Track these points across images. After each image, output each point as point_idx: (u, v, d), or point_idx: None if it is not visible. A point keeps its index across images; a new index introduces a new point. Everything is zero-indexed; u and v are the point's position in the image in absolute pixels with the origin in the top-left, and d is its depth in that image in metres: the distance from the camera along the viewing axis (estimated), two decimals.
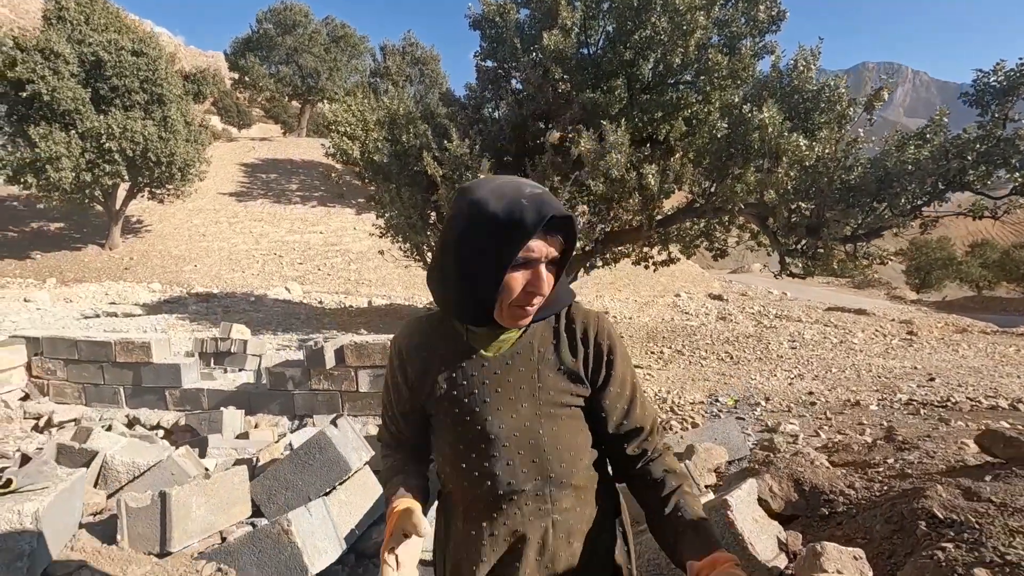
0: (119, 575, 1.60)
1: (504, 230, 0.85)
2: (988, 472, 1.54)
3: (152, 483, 2.13)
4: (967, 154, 7.02)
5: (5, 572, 1.45)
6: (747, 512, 1.42)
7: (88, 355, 4.47)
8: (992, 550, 1.15)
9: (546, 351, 0.98)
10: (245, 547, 1.73)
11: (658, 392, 8.96)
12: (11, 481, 1.61)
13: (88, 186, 19.46)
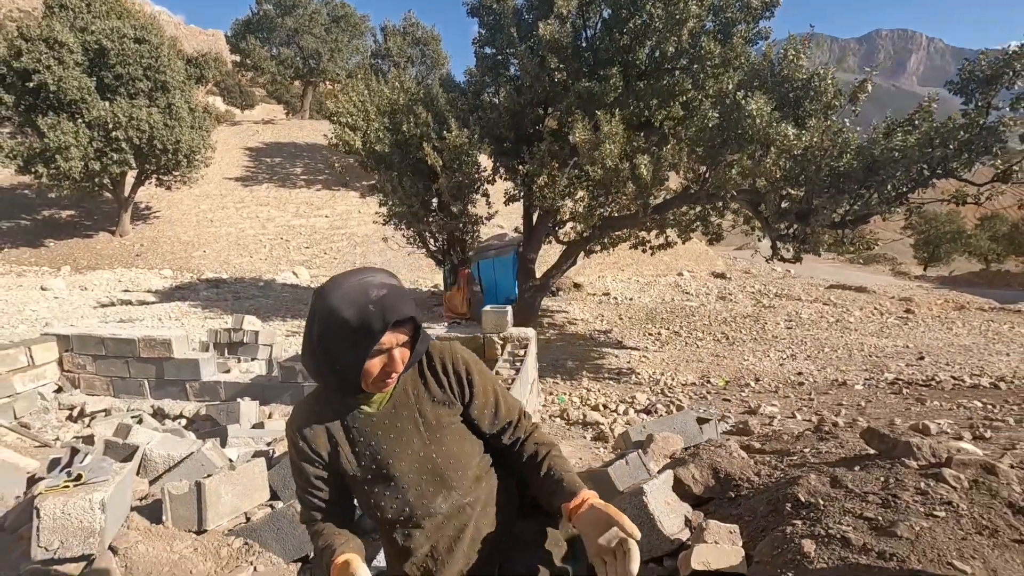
0: (167, 548, 1.98)
1: (356, 334, 1.02)
2: (859, 463, 1.86)
3: (186, 473, 2.51)
4: (950, 142, 7.19)
5: (82, 546, 1.84)
6: (661, 497, 1.76)
7: (114, 351, 4.86)
8: (824, 526, 1.47)
9: (419, 391, 1.18)
10: (266, 525, 2.11)
11: (652, 374, 9.31)
12: (81, 475, 1.98)
13: (97, 175, 19.79)
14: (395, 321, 1.03)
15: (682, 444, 2.74)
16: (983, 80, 7.15)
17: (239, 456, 2.77)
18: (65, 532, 1.80)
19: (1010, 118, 7.13)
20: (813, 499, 1.61)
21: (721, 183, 8.79)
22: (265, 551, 2.02)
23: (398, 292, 1.07)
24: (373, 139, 11.23)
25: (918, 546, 1.34)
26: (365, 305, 1.02)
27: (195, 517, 2.10)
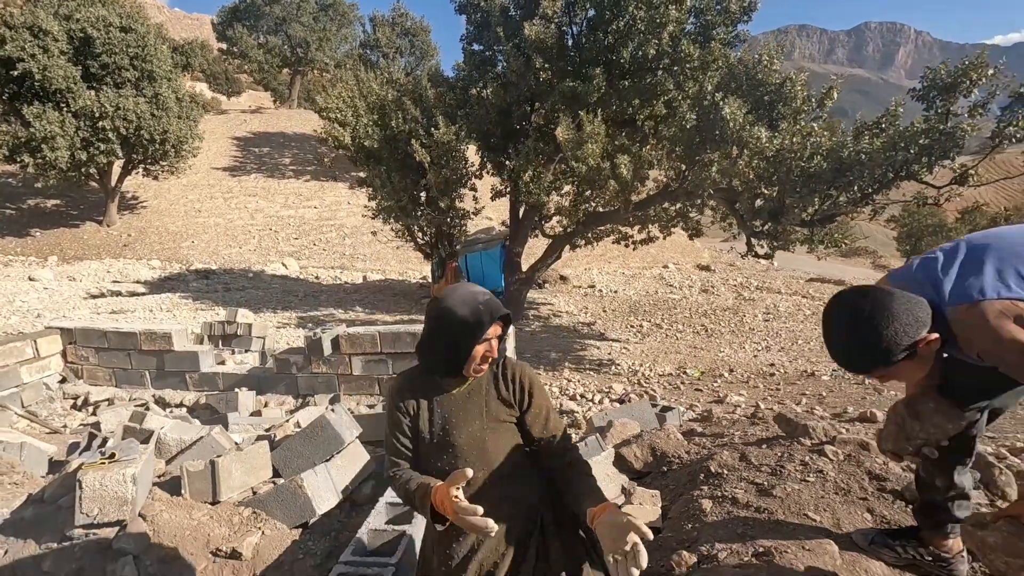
0: (187, 516, 2.30)
1: (471, 326, 1.39)
2: (768, 442, 2.23)
3: (197, 454, 2.82)
4: (912, 147, 7.59)
5: (117, 513, 2.15)
6: (601, 470, 2.13)
7: (117, 344, 5.12)
8: (723, 490, 1.84)
9: (489, 388, 1.54)
10: (271, 497, 2.43)
11: (631, 365, 9.71)
12: (115, 454, 2.29)
13: (84, 164, 19.71)
14: (498, 316, 1.42)
15: (638, 429, 3.10)
16: (943, 88, 7.55)
17: (243, 440, 3.09)
18: (103, 501, 2.11)
19: (968, 124, 7.54)
20: (721, 470, 1.97)
21: (699, 181, 9.16)
22: (271, 519, 2.35)
23: (494, 297, 1.48)
24: (362, 134, 11.44)
25: (786, 503, 1.70)
26: (476, 305, 1.41)
27: (210, 490, 2.42)
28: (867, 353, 1.26)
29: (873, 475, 1.85)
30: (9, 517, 2.32)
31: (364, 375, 4.73)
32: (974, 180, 7.74)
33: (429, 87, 12.78)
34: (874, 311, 1.25)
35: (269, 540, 2.26)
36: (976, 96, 7.51)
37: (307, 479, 2.37)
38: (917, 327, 1.23)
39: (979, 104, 7.55)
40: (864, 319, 1.25)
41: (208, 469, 2.40)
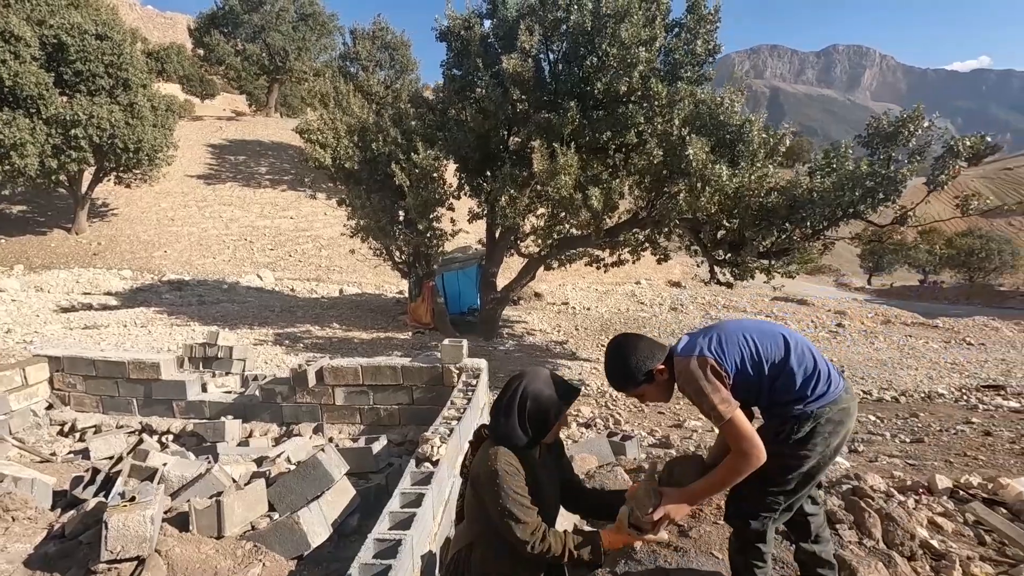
0: (196, 550, 2.59)
1: (558, 405, 1.67)
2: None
3: (200, 490, 3.10)
4: (858, 188, 8.26)
5: (138, 548, 2.44)
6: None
7: (104, 372, 5.31)
8: None
9: (556, 450, 1.92)
10: (270, 532, 2.74)
11: (600, 386, 10.14)
12: (135, 497, 2.57)
13: (54, 172, 19.45)
14: (574, 397, 1.75)
15: (596, 463, 3.51)
16: (885, 136, 8.25)
17: (240, 476, 3.38)
18: (126, 539, 2.39)
19: (907, 169, 8.24)
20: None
21: (666, 211, 9.71)
22: (270, 551, 2.66)
23: (571, 382, 1.81)
24: (343, 156, 11.71)
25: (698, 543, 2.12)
26: (559, 387, 1.73)
27: (215, 526, 2.72)
28: (618, 375, 1.77)
29: None
30: (33, 552, 2.58)
31: (346, 405, 5.04)
32: (912, 221, 8.45)
33: (410, 107, 13.14)
34: (626, 346, 1.77)
35: (269, 571, 2.57)
36: (914, 144, 8.23)
37: (303, 516, 2.70)
38: (652, 360, 1.74)
39: (916, 152, 8.27)
40: (619, 352, 1.77)
41: (214, 507, 2.71)
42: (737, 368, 1.72)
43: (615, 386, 1.81)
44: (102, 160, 20.70)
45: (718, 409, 1.62)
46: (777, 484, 1.75)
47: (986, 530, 2.52)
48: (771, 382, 1.73)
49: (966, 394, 9.61)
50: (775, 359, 1.74)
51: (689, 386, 1.69)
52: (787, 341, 1.78)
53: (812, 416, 1.72)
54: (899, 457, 5.67)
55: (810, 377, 1.76)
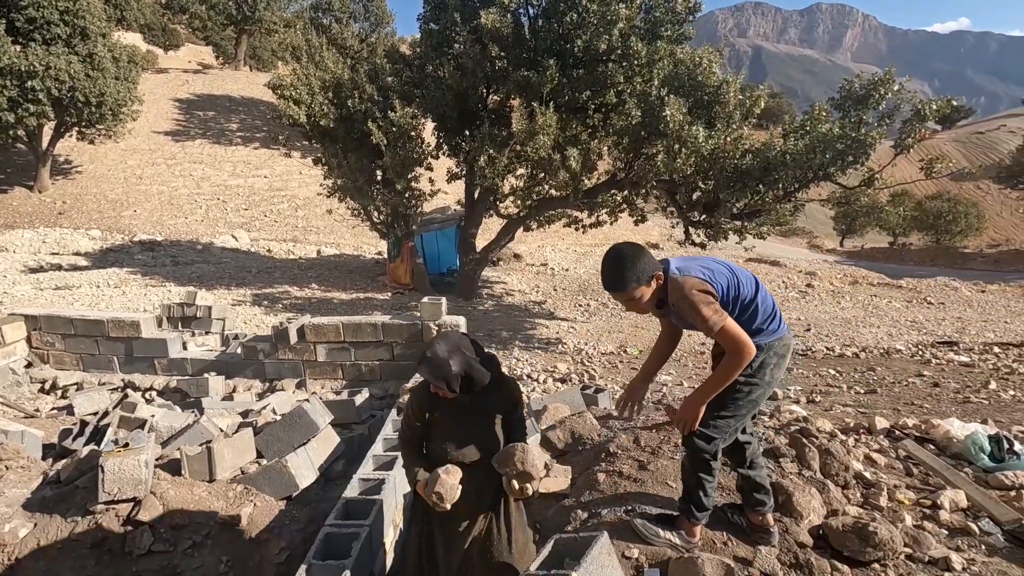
0: (189, 493, 2.74)
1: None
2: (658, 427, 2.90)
3: (189, 439, 3.23)
4: (829, 151, 8.45)
5: (134, 490, 2.57)
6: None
7: (83, 331, 5.31)
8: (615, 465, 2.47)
9: (490, 407, 2.04)
10: (260, 475, 2.90)
11: (576, 344, 10.44)
12: (128, 444, 2.68)
13: (11, 127, 18.59)
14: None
15: (568, 412, 3.72)
16: (857, 99, 8.39)
17: (227, 427, 3.52)
18: (121, 482, 2.52)
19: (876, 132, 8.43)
20: (616, 450, 2.60)
21: (644, 173, 9.81)
22: (260, 493, 2.83)
23: (444, 363, 1.90)
24: (318, 113, 11.45)
25: (655, 475, 2.34)
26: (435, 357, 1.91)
27: (207, 471, 2.86)
28: (623, 275, 1.88)
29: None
30: (31, 496, 2.70)
31: (328, 362, 5.17)
32: (879, 183, 8.70)
33: (386, 63, 12.80)
34: (632, 251, 1.93)
35: (260, 510, 2.74)
36: (884, 108, 8.40)
37: (290, 460, 2.86)
38: (654, 267, 1.91)
39: (886, 115, 8.45)
40: (626, 254, 1.91)
41: (205, 453, 2.85)
42: (722, 295, 1.92)
43: (616, 286, 1.91)
44: (62, 115, 19.79)
45: (712, 320, 1.81)
46: (727, 409, 1.97)
47: (914, 463, 2.81)
48: (740, 314, 1.95)
49: (922, 350, 10.14)
50: (748, 295, 1.97)
51: (684, 301, 1.86)
52: (757, 282, 2.05)
53: (764, 348, 1.96)
54: (852, 406, 6.06)
55: (769, 315, 2.01)
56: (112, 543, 2.49)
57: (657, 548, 1.90)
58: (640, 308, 1.97)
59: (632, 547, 1.87)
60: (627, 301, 1.95)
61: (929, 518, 2.30)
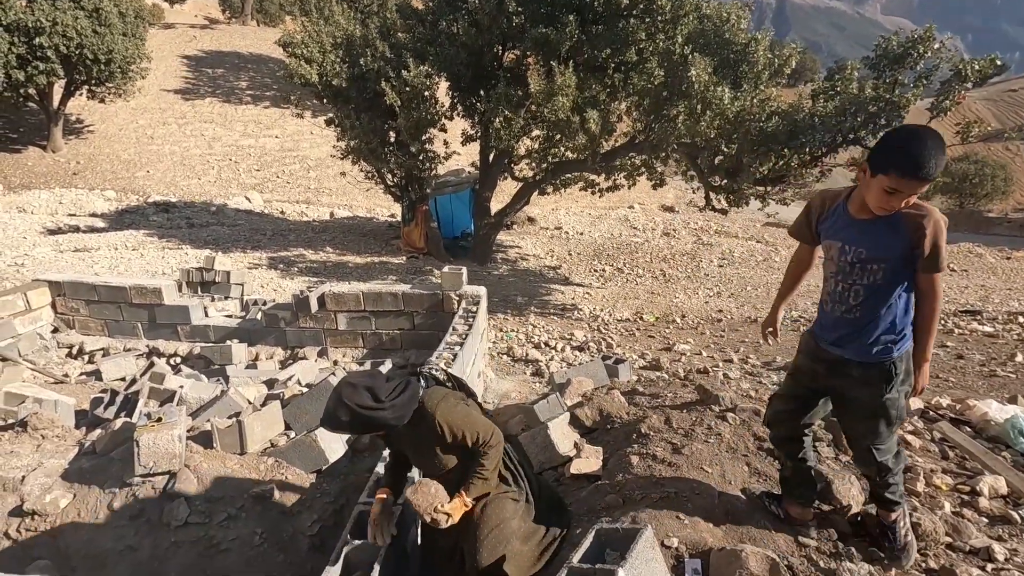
0: (222, 465, 2.78)
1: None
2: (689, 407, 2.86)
3: (218, 411, 3.27)
4: (860, 114, 8.10)
5: (168, 464, 2.62)
6: (559, 430, 2.71)
7: (107, 297, 5.35)
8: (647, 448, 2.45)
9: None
10: (290, 449, 2.93)
11: (592, 310, 10.40)
12: (161, 418, 2.72)
13: (22, 85, 18.42)
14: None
15: (592, 386, 3.70)
16: (893, 58, 7.98)
17: (254, 398, 3.55)
18: (156, 456, 2.56)
19: (912, 94, 8.06)
20: (648, 432, 2.58)
21: (664, 135, 9.51)
22: (291, 466, 2.87)
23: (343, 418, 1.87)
24: (330, 72, 11.16)
25: (690, 459, 2.31)
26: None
27: (237, 444, 2.90)
28: (937, 159, 1.60)
29: (757, 436, 2.48)
30: (69, 467, 2.76)
31: (348, 330, 5.18)
32: None
33: (398, 18, 12.37)
34: (938, 135, 1.65)
35: (291, 483, 2.78)
36: (922, 67, 7.99)
37: (320, 434, 2.88)
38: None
39: (923, 75, 8.05)
40: (939, 139, 1.62)
41: (235, 427, 2.87)
42: None
43: (934, 171, 1.62)
44: (71, 72, 19.56)
45: (945, 261, 1.71)
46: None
47: (950, 446, 2.76)
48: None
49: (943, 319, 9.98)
50: None
51: (940, 236, 1.69)
52: None
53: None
54: None
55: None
56: (150, 514, 2.55)
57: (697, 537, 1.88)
58: (896, 207, 1.68)
59: (672, 536, 1.86)
60: (911, 196, 1.66)
61: (968, 505, 2.26)
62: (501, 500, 1.99)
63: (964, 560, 1.93)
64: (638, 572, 1.45)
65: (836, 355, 1.88)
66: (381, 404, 1.86)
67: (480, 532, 1.94)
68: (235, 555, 2.49)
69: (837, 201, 1.87)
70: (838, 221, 1.84)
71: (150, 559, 2.48)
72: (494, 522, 1.95)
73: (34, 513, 2.50)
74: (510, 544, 1.93)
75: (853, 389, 1.87)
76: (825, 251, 1.93)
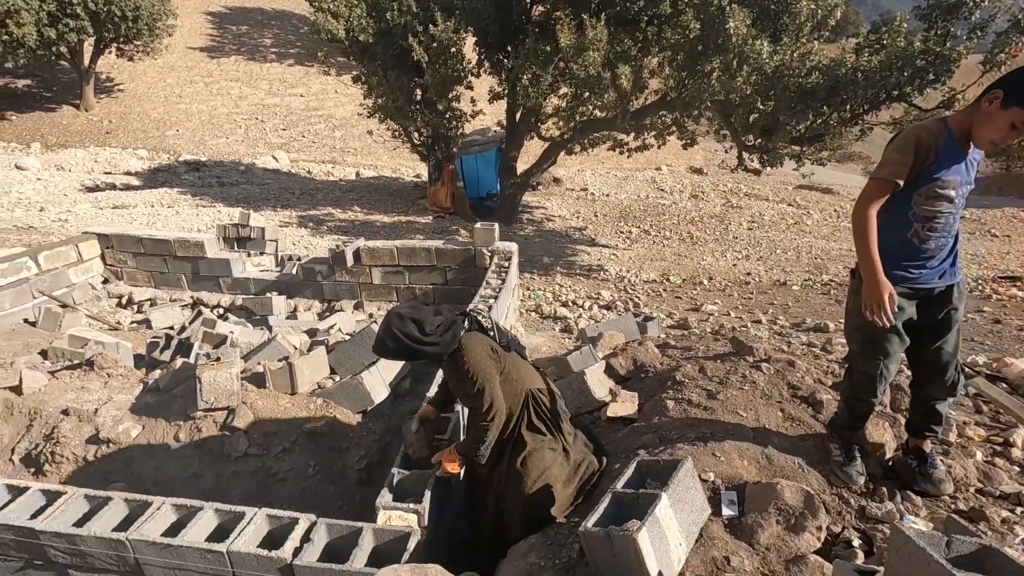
0: (275, 404, 2.97)
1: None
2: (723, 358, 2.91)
3: (267, 355, 3.45)
4: (907, 68, 7.73)
5: (227, 400, 2.81)
6: (595, 377, 2.80)
7: (152, 249, 5.57)
8: (683, 394, 2.52)
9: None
10: (338, 390, 3.11)
11: (619, 271, 10.39)
12: (219, 358, 2.90)
13: (53, 43, 18.66)
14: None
15: (623, 340, 3.78)
16: (947, 8, 7.56)
17: (300, 343, 3.73)
18: (216, 392, 2.75)
19: (965, 46, 7.65)
20: (683, 379, 2.65)
21: (697, 92, 9.24)
22: (338, 406, 3.04)
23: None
24: (357, 28, 11.03)
25: (725, 404, 2.39)
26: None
27: (288, 384, 3.08)
28: None
29: (791, 385, 2.54)
30: (136, 401, 2.97)
31: (383, 284, 5.32)
32: (960, 104, 8.00)
33: None
34: None
35: (339, 422, 2.95)
36: (977, 17, 7.56)
37: (365, 377, 3.04)
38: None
39: (979, 26, 7.62)
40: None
41: (286, 368, 3.04)
42: None
43: None
44: (101, 30, 19.71)
45: None
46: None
47: (985, 401, 2.78)
48: None
49: (982, 284, 9.73)
50: None
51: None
52: None
53: None
54: None
55: None
56: (211, 446, 2.75)
57: (732, 473, 1.97)
58: (1012, 140, 1.70)
59: (708, 471, 1.95)
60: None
61: (1000, 455, 2.30)
62: (540, 451, 2.11)
63: (994, 504, 1.99)
64: (679, 497, 1.54)
65: (941, 286, 1.98)
66: (426, 337, 1.98)
67: (524, 484, 2.06)
68: (291, 485, 2.69)
69: (942, 138, 1.83)
70: (952, 157, 1.84)
71: (214, 486, 2.69)
72: (536, 473, 2.07)
73: (108, 441, 2.72)
74: (553, 490, 2.06)
75: (949, 312, 1.98)
76: (935, 190, 1.87)
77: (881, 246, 1.96)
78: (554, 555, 1.78)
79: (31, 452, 2.87)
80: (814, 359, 2.86)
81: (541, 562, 1.76)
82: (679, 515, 1.54)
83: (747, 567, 1.58)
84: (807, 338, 5.76)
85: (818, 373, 2.69)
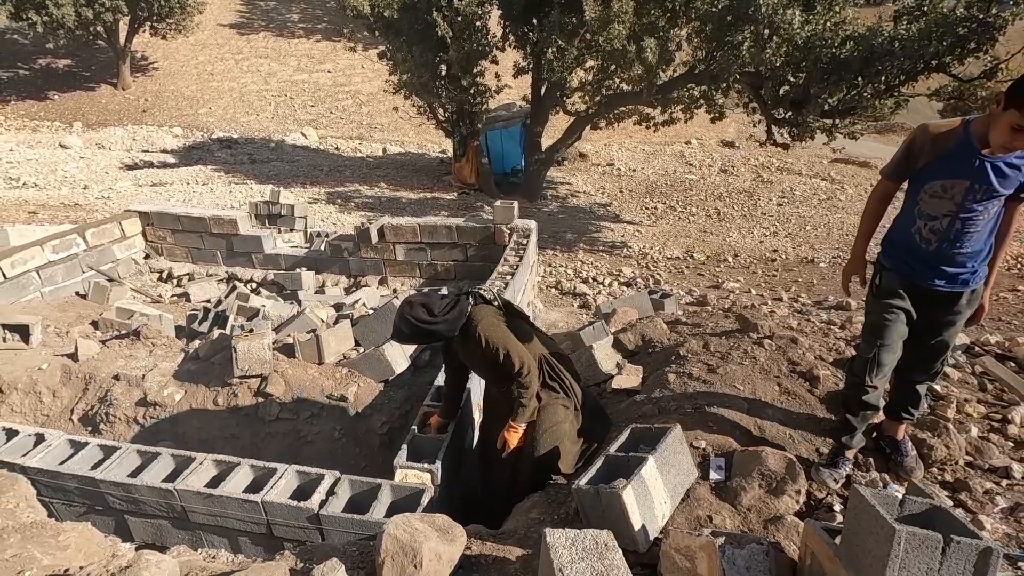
0: (303, 372, 3.20)
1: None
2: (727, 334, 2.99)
3: (296, 328, 3.69)
4: (947, 37, 7.41)
5: (260, 368, 3.05)
6: (602, 350, 2.93)
7: (189, 227, 5.87)
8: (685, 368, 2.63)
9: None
10: (361, 361, 3.32)
11: (642, 248, 10.39)
12: (253, 329, 3.14)
13: (90, 23, 19.20)
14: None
15: (637, 316, 3.88)
16: None
17: (327, 317, 3.95)
18: (251, 361, 3.00)
19: (1012, 12, 7.29)
20: (687, 354, 2.75)
21: (726, 64, 9.04)
22: (362, 376, 3.26)
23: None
24: (381, 3, 11.06)
25: (723, 378, 2.49)
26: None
27: (316, 355, 3.31)
28: None
29: (791, 361, 2.62)
30: (179, 368, 3.25)
31: (406, 260, 5.51)
32: (1004, 74, 7.66)
33: None
34: None
35: (363, 390, 3.17)
36: None
37: (387, 349, 3.24)
38: None
39: None
40: None
41: (314, 340, 3.27)
42: None
43: None
44: (135, 8, 20.17)
45: None
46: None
47: (990, 379, 2.81)
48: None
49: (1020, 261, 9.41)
50: None
51: None
52: None
53: None
54: None
55: None
56: (247, 410, 3.00)
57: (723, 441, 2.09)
58: (1019, 146, 1.63)
59: (700, 439, 2.07)
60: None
61: (996, 431, 2.36)
62: (554, 405, 2.27)
63: (981, 476, 2.07)
64: (666, 460, 1.68)
65: (945, 290, 1.90)
66: (435, 318, 2.17)
67: (536, 432, 2.23)
68: (319, 446, 2.92)
69: (953, 138, 1.75)
70: (960, 159, 1.74)
71: (249, 445, 2.94)
72: (548, 424, 2.24)
73: (155, 404, 3.00)
74: (562, 443, 2.22)
75: (953, 316, 1.95)
76: (937, 191, 1.81)
77: (893, 236, 2.03)
78: (553, 511, 1.95)
79: (88, 413, 3.18)
80: (822, 336, 2.93)
81: (541, 517, 1.93)
82: (665, 476, 1.67)
83: (728, 525, 1.71)
84: (827, 316, 5.74)
85: (821, 350, 2.75)
